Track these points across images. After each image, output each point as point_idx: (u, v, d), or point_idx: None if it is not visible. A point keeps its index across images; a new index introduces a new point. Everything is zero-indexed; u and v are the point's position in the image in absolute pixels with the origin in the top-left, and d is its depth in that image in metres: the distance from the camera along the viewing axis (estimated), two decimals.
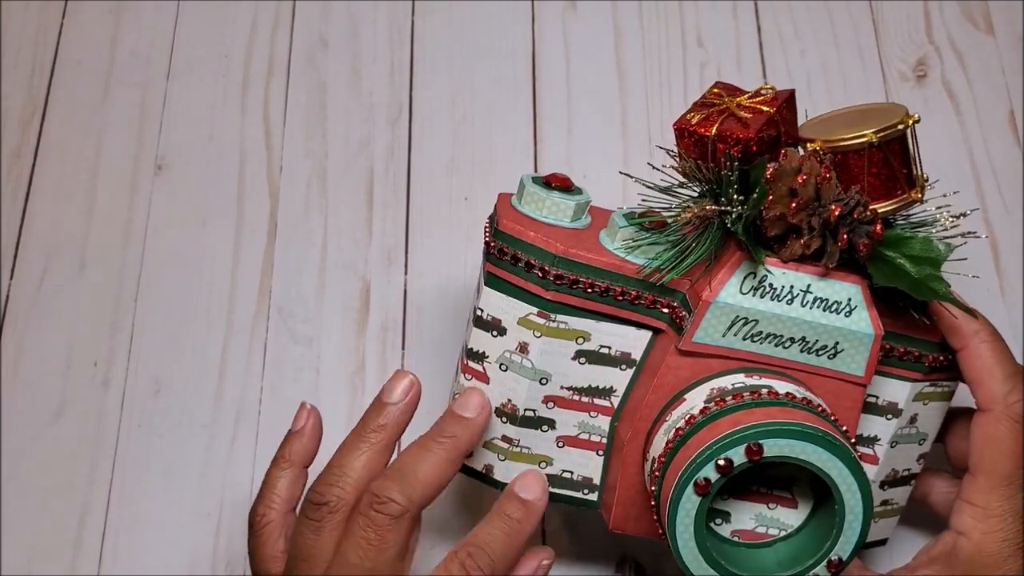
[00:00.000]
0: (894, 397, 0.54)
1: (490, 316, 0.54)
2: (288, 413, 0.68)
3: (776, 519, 0.51)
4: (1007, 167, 0.75)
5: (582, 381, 0.54)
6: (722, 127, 0.51)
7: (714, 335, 0.51)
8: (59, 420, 0.67)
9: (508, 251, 0.53)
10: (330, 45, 0.78)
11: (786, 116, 0.53)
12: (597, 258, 0.52)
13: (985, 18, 0.79)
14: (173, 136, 0.75)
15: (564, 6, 0.79)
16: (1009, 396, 0.52)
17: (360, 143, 0.75)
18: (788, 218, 0.49)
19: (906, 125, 0.52)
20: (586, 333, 0.53)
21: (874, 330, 0.51)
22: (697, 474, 0.47)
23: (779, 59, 0.78)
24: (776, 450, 0.47)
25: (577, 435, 0.55)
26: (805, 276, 0.50)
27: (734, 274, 0.50)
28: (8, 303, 0.70)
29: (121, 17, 0.79)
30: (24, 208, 0.73)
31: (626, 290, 0.52)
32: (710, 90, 0.54)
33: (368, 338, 0.70)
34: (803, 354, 0.51)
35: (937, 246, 0.52)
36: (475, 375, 0.55)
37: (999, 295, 0.72)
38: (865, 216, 0.50)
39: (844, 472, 0.48)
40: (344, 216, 0.73)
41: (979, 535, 0.52)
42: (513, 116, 0.76)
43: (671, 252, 0.51)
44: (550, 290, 0.52)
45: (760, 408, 0.49)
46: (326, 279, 0.71)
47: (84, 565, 0.64)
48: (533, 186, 0.54)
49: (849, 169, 0.52)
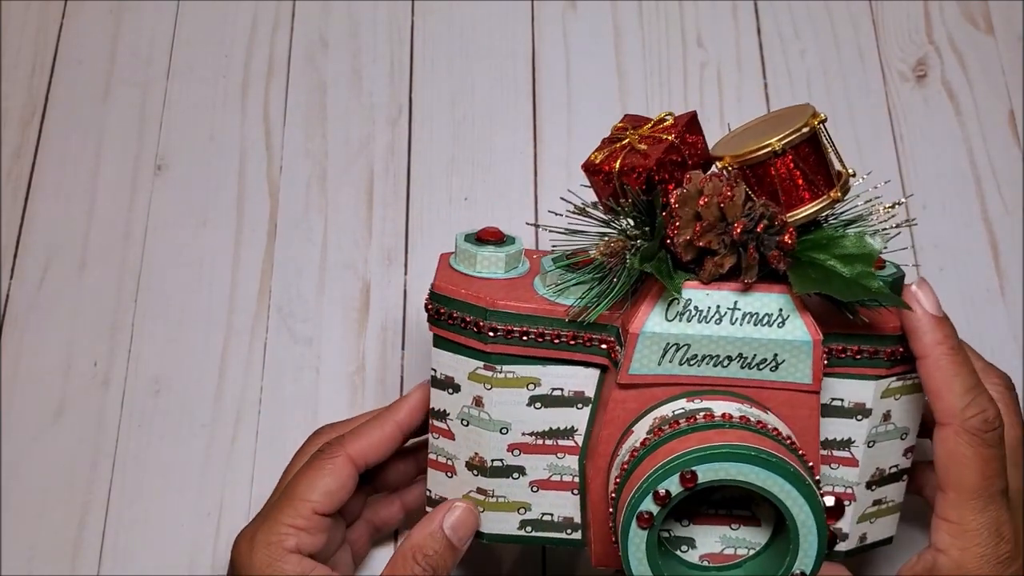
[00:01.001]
0: (859, 397, 0.54)
1: (443, 375, 0.55)
2: (288, 413, 0.68)
3: (742, 539, 0.51)
4: (1007, 167, 0.75)
5: (541, 425, 0.55)
6: (624, 161, 0.52)
7: (649, 365, 0.51)
8: (59, 420, 0.67)
9: (444, 311, 0.54)
10: (330, 45, 0.78)
11: (690, 139, 0.53)
12: (526, 305, 0.53)
13: (985, 18, 0.79)
14: (173, 136, 0.75)
15: (564, 6, 0.79)
16: (966, 410, 0.51)
17: (360, 143, 0.75)
18: (695, 242, 0.49)
19: (811, 127, 0.51)
20: (536, 379, 0.54)
21: (811, 336, 0.50)
22: (638, 508, 0.47)
23: (779, 59, 0.78)
24: (711, 475, 0.47)
25: (549, 478, 0.55)
26: (729, 294, 0.50)
27: (657, 303, 0.51)
28: (8, 303, 0.70)
29: (121, 17, 0.79)
30: (24, 208, 0.73)
31: (560, 332, 0.53)
32: (616, 124, 0.55)
33: (368, 338, 0.70)
34: (744, 370, 0.51)
35: (869, 242, 0.51)
36: (441, 433, 0.56)
37: (999, 295, 0.72)
38: (773, 227, 0.50)
39: (787, 487, 0.47)
40: (344, 216, 0.73)
41: (957, 552, 0.51)
42: (513, 116, 0.76)
43: (596, 289, 0.52)
44: (489, 343, 0.53)
45: (696, 433, 0.49)
46: (326, 279, 0.71)
47: (84, 565, 0.64)
48: (464, 244, 0.55)
49: (765, 180, 0.51)
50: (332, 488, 0.56)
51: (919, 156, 0.75)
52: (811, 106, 0.52)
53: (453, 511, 0.55)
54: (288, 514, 0.56)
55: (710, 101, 0.76)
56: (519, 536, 0.57)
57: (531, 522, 0.56)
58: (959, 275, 0.72)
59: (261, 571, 0.55)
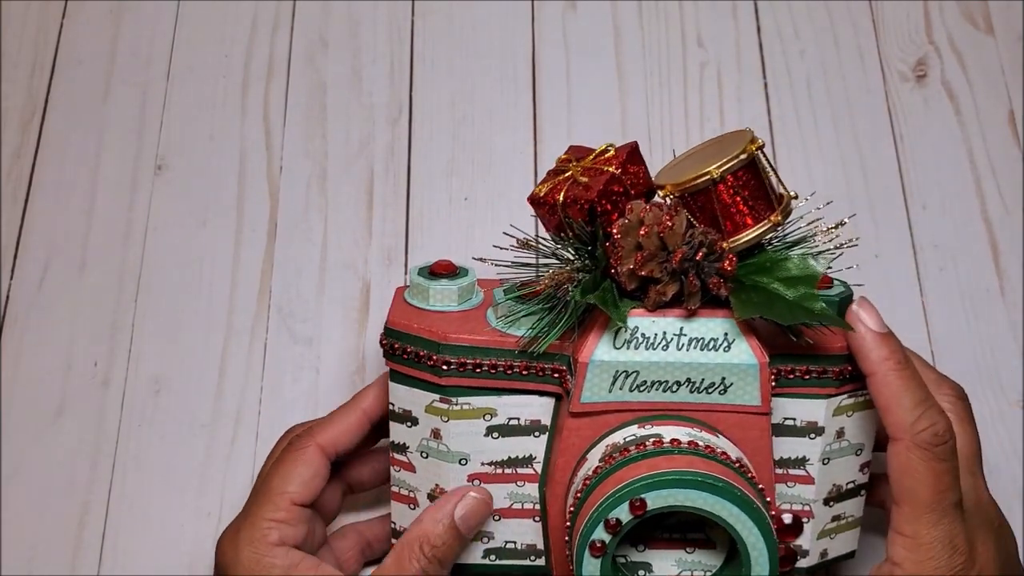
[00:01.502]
0: (811, 416, 0.54)
1: (401, 409, 0.56)
2: (288, 413, 0.68)
3: (698, 562, 0.51)
4: (1007, 167, 0.75)
5: (500, 455, 0.55)
6: (568, 193, 0.52)
7: (600, 392, 0.52)
8: (59, 420, 0.67)
9: (399, 346, 0.54)
10: (330, 45, 0.78)
11: (632, 170, 0.53)
12: (477, 338, 0.53)
13: (985, 18, 0.79)
14: (173, 136, 0.75)
15: (564, 6, 0.79)
16: (916, 424, 0.51)
17: (360, 143, 0.75)
18: (636, 272, 0.50)
19: (749, 152, 0.51)
20: (492, 409, 0.54)
21: (757, 359, 0.51)
22: (590, 536, 0.48)
23: (779, 59, 0.78)
24: (660, 501, 0.48)
25: (510, 506, 0.56)
26: (674, 320, 0.51)
27: (605, 331, 0.51)
28: (8, 303, 0.70)
29: (121, 17, 0.79)
30: (24, 208, 0.73)
31: (512, 364, 0.53)
32: (560, 156, 0.56)
33: (368, 338, 0.70)
34: (693, 394, 0.52)
35: (812, 264, 0.52)
36: (402, 466, 0.57)
37: (999, 295, 0.72)
38: (712, 254, 0.50)
39: (735, 511, 0.48)
40: (344, 216, 0.73)
41: (911, 565, 0.52)
42: (513, 116, 0.76)
43: (545, 320, 0.52)
44: (443, 376, 0.53)
45: (645, 460, 0.49)
46: (326, 279, 0.71)
47: (84, 565, 0.64)
48: (417, 278, 0.56)
49: (704, 207, 0.52)
50: (306, 477, 0.56)
51: (919, 156, 0.75)
52: (749, 131, 0.53)
53: (467, 500, 0.55)
54: (268, 509, 0.56)
55: (710, 101, 0.76)
56: (483, 565, 0.57)
57: (495, 551, 0.57)
58: (959, 275, 0.72)
59: (249, 569, 0.55)
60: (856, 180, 0.74)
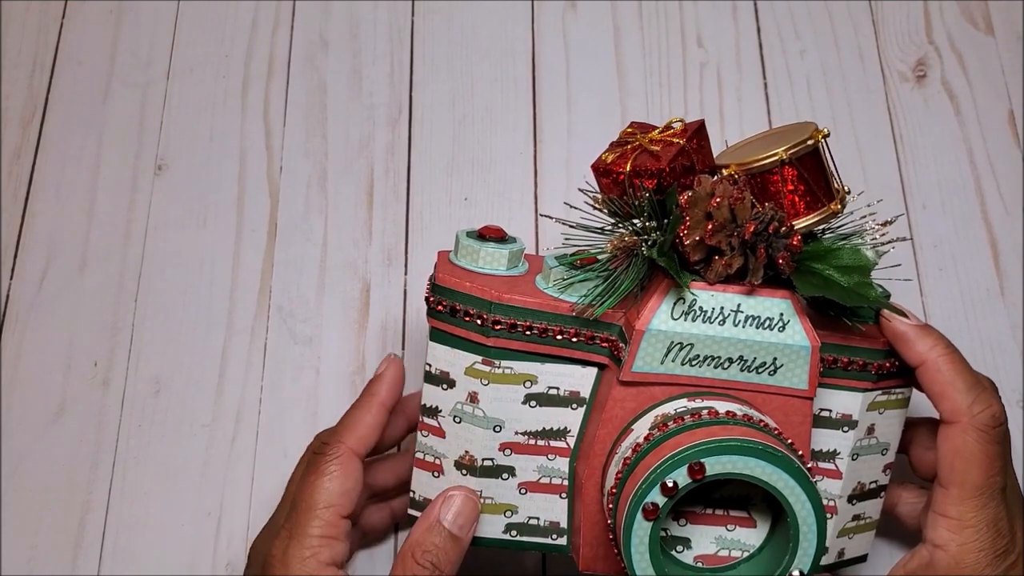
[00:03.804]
0: (847, 409, 0.55)
1: (438, 370, 0.55)
2: (288, 413, 0.68)
3: (737, 540, 0.51)
4: (1007, 167, 0.75)
5: (535, 425, 0.54)
6: (635, 162, 0.52)
7: (652, 363, 0.51)
8: (59, 420, 0.67)
9: (447, 304, 0.54)
10: (330, 45, 0.78)
11: (697, 145, 0.54)
12: (531, 300, 0.53)
13: (985, 18, 0.79)
14: (173, 136, 0.75)
15: (564, 6, 0.79)
16: (973, 407, 0.52)
17: (360, 143, 0.75)
18: (706, 241, 0.50)
19: (816, 140, 0.53)
20: (533, 376, 0.54)
21: (810, 342, 0.51)
22: (644, 499, 0.47)
23: (779, 59, 0.78)
24: (719, 467, 0.47)
25: (538, 479, 0.55)
26: (733, 296, 0.51)
27: (663, 301, 0.51)
28: (8, 303, 0.70)
29: (121, 17, 0.79)
30: (24, 208, 0.73)
31: (563, 329, 0.53)
32: (625, 129, 0.56)
33: (368, 338, 0.70)
34: (743, 373, 0.52)
35: (865, 254, 0.53)
36: (431, 430, 0.56)
37: (999, 295, 0.72)
38: (781, 230, 0.51)
39: (791, 483, 0.48)
40: (344, 216, 0.73)
41: (956, 547, 0.52)
42: (513, 116, 0.76)
43: (601, 287, 0.52)
44: (490, 336, 0.53)
45: (701, 428, 0.49)
46: (326, 279, 0.71)
47: (84, 565, 0.64)
48: (467, 240, 0.55)
49: (767, 189, 0.53)
50: (348, 487, 0.55)
51: (919, 156, 0.75)
52: (813, 123, 0.54)
53: (451, 501, 0.54)
54: (316, 526, 0.54)
55: (710, 101, 0.76)
56: (504, 540, 0.56)
57: (516, 526, 0.56)
58: (959, 275, 0.72)
59: None
60: (856, 180, 0.74)
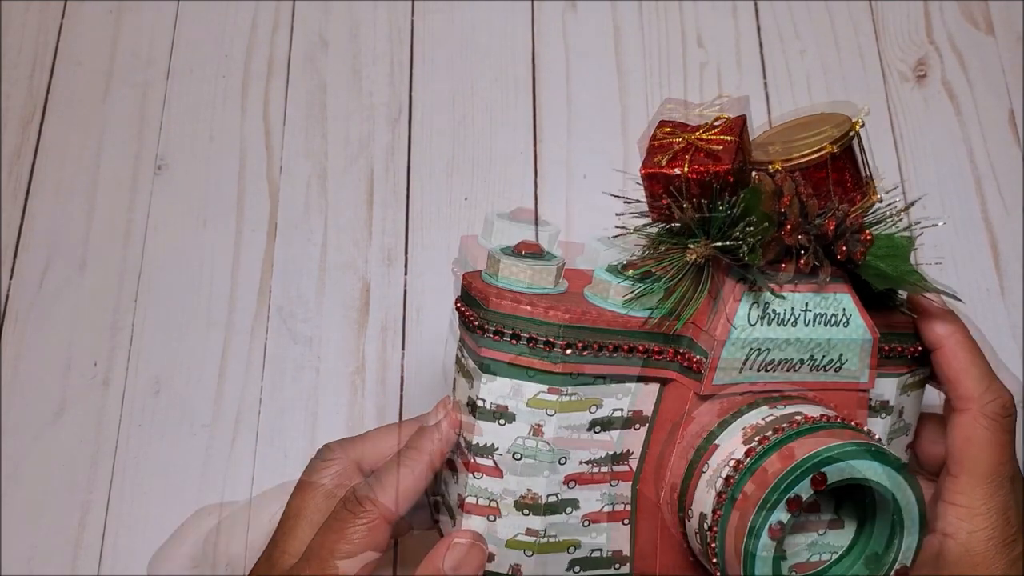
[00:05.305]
0: (885, 395, 0.54)
1: (494, 405, 0.50)
2: (288, 413, 0.68)
3: (828, 544, 0.50)
4: (1007, 167, 0.75)
5: (600, 451, 0.51)
6: (693, 164, 0.49)
7: (731, 373, 0.50)
8: (59, 420, 0.67)
9: (506, 330, 0.49)
10: (330, 45, 0.78)
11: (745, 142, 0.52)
12: (601, 319, 0.49)
13: (985, 18, 0.79)
14: (173, 136, 0.75)
15: (564, 6, 0.79)
16: (985, 395, 0.52)
17: (360, 143, 0.75)
18: (785, 240, 0.49)
19: (855, 131, 0.52)
20: (597, 400, 0.50)
21: (871, 334, 0.51)
22: (770, 519, 0.46)
23: (779, 59, 0.78)
24: (837, 475, 0.46)
25: (601, 508, 0.52)
26: (801, 295, 0.50)
27: (739, 306, 0.49)
28: (8, 303, 0.70)
29: (121, 17, 0.79)
30: (24, 208, 0.73)
31: (633, 345, 0.49)
32: (660, 130, 0.52)
33: (368, 338, 0.70)
34: (812, 372, 0.51)
35: (899, 240, 0.52)
36: (485, 471, 0.50)
37: (999, 295, 0.72)
38: (854, 225, 0.50)
39: (898, 480, 0.47)
40: (344, 216, 0.73)
41: (965, 535, 0.52)
42: (513, 116, 0.76)
43: (672, 298, 0.49)
44: (558, 362, 0.49)
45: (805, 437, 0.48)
46: (326, 279, 0.71)
47: (84, 565, 0.64)
48: (508, 258, 0.50)
49: (812, 183, 0.52)
50: (369, 558, 0.51)
51: (919, 156, 0.75)
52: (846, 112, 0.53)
53: (454, 549, 0.50)
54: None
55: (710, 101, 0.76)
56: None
57: (580, 560, 0.52)
58: (959, 275, 0.72)
59: None
60: None
